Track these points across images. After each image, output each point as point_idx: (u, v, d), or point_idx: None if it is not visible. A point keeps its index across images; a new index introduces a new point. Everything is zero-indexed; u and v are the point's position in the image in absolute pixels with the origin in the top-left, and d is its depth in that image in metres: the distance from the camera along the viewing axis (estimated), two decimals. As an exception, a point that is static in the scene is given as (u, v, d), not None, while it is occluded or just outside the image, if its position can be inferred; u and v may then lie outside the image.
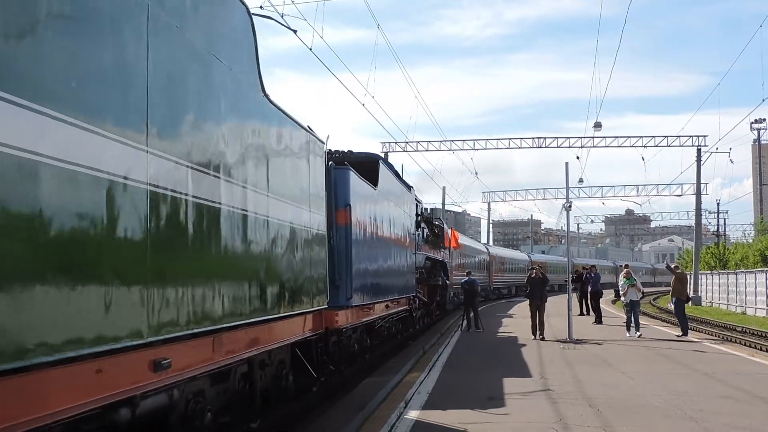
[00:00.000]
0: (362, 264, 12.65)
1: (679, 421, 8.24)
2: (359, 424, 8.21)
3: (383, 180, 15.12)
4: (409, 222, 18.87)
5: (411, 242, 18.94)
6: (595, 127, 42.20)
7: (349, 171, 11.87)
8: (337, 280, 11.13)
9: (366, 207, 13.24)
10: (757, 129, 63.29)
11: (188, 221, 5.58)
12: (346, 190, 11.75)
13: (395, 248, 16.43)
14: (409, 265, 18.50)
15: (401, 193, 18.04)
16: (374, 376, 12.56)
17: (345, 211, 11.66)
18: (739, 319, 30.12)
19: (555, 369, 12.67)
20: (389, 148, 45.73)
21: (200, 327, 5.69)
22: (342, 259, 11.49)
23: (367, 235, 13.21)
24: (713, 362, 13.62)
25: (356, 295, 12.01)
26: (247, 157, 6.95)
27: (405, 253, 17.82)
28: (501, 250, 58.53)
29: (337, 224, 11.39)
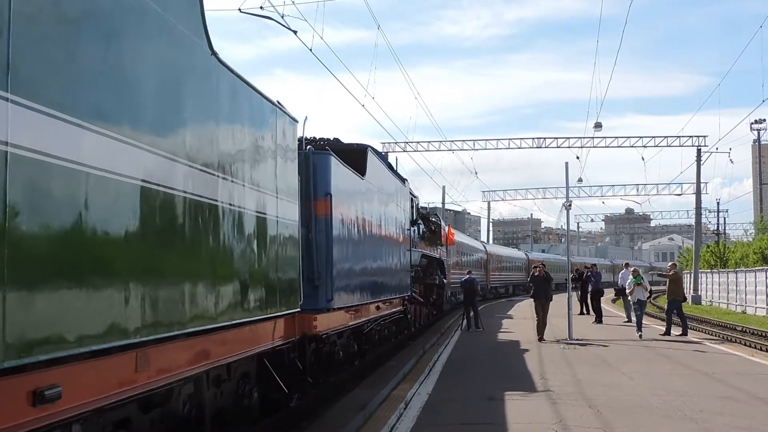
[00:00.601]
0: (347, 261, 11.55)
1: (679, 421, 8.24)
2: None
3: (372, 170, 13.87)
4: (404, 217, 17.75)
5: (405, 239, 17.88)
6: (596, 127, 42.19)
7: (329, 156, 10.69)
8: (315, 280, 10.08)
9: (352, 198, 12.16)
10: (757, 129, 63.35)
11: (87, 201, 4.20)
12: (326, 178, 10.54)
13: (387, 245, 15.34)
14: (404, 263, 17.41)
15: (394, 185, 16.82)
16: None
17: (325, 201, 10.43)
18: (739, 318, 30.10)
19: (555, 369, 12.67)
20: (389, 149, 45.73)
21: (111, 341, 4.44)
22: (322, 256, 10.32)
23: (352, 229, 12.05)
24: (713, 362, 13.62)
25: (339, 296, 10.88)
26: (183, 123, 5.60)
27: (398, 251, 16.76)
28: (498, 249, 58.07)
29: (316, 216, 10.26)
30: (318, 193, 10.40)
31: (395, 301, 16.71)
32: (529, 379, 11.66)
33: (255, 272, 7.24)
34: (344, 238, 11.45)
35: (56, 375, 3.88)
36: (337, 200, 10.89)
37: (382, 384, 11.10)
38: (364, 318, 13.27)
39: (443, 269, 26.62)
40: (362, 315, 13.07)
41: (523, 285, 55.35)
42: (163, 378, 5.29)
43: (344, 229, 11.49)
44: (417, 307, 21.15)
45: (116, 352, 4.56)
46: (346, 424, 8.13)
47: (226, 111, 6.61)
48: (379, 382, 11.48)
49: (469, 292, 22.06)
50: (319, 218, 10.37)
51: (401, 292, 17.16)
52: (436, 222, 26.47)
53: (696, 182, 45.74)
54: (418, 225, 20.98)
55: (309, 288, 9.69)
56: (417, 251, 20.35)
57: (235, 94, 6.87)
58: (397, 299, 17.01)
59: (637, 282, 18.70)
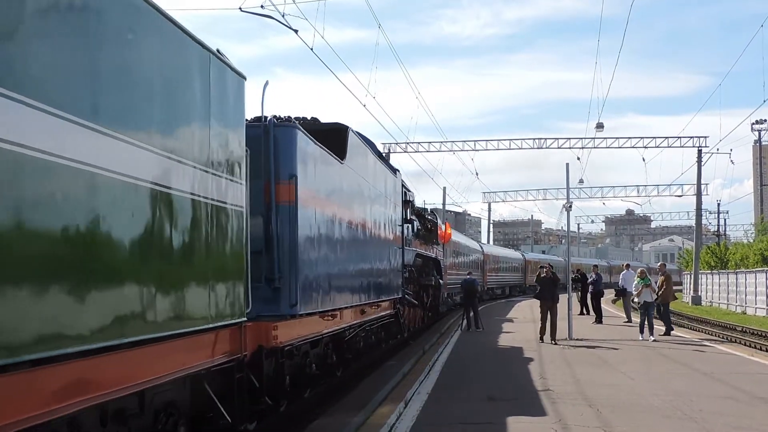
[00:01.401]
0: (319, 259, 9.81)
1: (679, 421, 8.24)
2: None
3: (354, 153, 12.15)
4: (394, 212, 16.19)
5: (397, 236, 16.40)
6: (598, 127, 42.20)
7: (294, 130, 8.96)
8: (276, 281, 8.47)
9: (327, 184, 10.42)
10: (758, 130, 63.10)
11: None
12: (290, 157, 8.81)
13: (374, 241, 13.75)
14: (395, 263, 15.96)
15: (383, 175, 15.05)
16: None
17: (289, 184, 8.71)
18: (739, 318, 30.11)
19: (555, 369, 12.67)
20: (390, 149, 45.76)
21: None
22: (284, 252, 8.62)
23: (328, 220, 10.30)
24: (713, 362, 13.61)
25: (308, 299, 9.27)
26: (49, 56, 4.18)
27: (388, 248, 15.23)
28: (495, 249, 57.29)
29: (277, 203, 8.60)
30: (280, 174, 8.70)
31: (385, 303, 15.17)
32: (529, 378, 11.66)
33: (179, 270, 5.73)
34: (316, 230, 9.70)
35: None
36: (306, 185, 9.24)
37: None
38: (345, 323, 11.55)
39: (440, 269, 25.42)
40: (343, 320, 11.33)
41: (519, 286, 55.17)
42: (19, 417, 3.81)
43: (316, 221, 9.69)
44: (411, 309, 19.63)
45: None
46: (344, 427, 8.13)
47: (110, 35, 4.84)
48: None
49: (469, 292, 22.08)
50: (282, 206, 8.67)
51: (392, 293, 15.69)
52: (432, 220, 25.20)
53: (696, 183, 45.75)
54: (413, 222, 19.51)
55: (268, 291, 8.31)
56: (411, 250, 18.99)
57: (134, 24, 5.16)
58: (388, 302, 15.53)
59: (645, 283, 18.00)
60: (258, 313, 7.88)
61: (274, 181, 8.64)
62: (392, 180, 16.23)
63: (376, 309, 14.26)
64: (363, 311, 12.90)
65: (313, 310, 9.63)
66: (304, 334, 9.41)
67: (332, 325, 10.75)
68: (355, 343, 13.01)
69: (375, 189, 14.03)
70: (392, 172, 16.46)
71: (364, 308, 12.91)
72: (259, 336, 7.93)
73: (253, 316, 7.66)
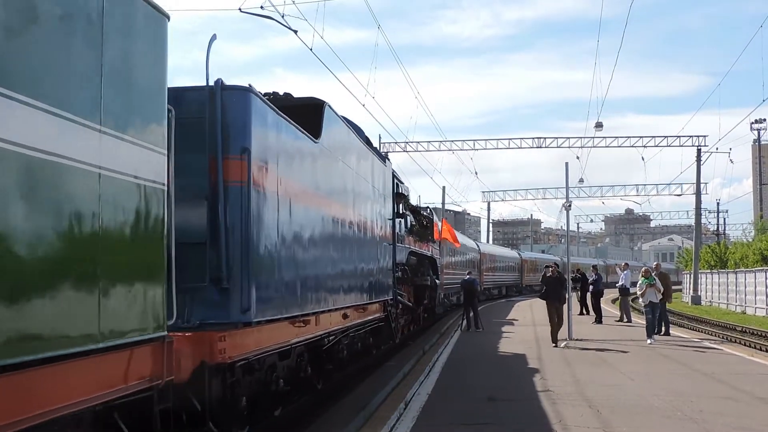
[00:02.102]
0: (282, 253, 8.22)
1: (679, 422, 8.24)
2: None
3: (332, 133, 10.65)
4: (384, 204, 14.79)
5: (387, 231, 15.00)
6: (597, 127, 42.25)
7: (248, 95, 7.44)
8: (224, 281, 7.00)
9: (294, 164, 8.84)
10: (757, 129, 63.15)
11: None
12: (242, 126, 7.32)
13: (359, 236, 12.28)
14: (385, 261, 14.54)
15: (369, 161, 13.51)
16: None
17: (240, 160, 7.20)
18: (739, 318, 30.11)
19: (555, 369, 12.66)
20: (389, 148, 45.76)
21: None
22: (235, 243, 7.12)
23: (295, 208, 8.69)
24: (713, 362, 13.61)
25: (267, 302, 7.74)
26: None
27: (377, 244, 13.79)
28: (492, 248, 56.29)
29: (226, 183, 7.09)
30: (229, 148, 7.17)
31: (373, 306, 13.62)
32: (529, 379, 11.65)
33: (15, 273, 3.90)
34: (280, 220, 8.13)
35: None
36: (265, 163, 7.73)
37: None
38: (323, 330, 10.04)
39: (436, 269, 24.18)
40: (320, 326, 9.83)
41: (516, 286, 54.80)
42: None
43: (280, 208, 8.15)
44: (404, 312, 18.21)
45: None
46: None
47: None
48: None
49: (469, 292, 22.06)
50: (232, 187, 7.16)
51: (381, 295, 14.22)
52: (427, 216, 23.78)
53: (696, 182, 45.78)
54: (406, 217, 18.22)
55: (213, 293, 6.95)
56: (403, 247, 17.68)
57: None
58: (376, 304, 14.00)
59: (649, 283, 17.33)
60: (202, 320, 6.78)
61: (221, 156, 7.09)
62: (381, 169, 14.72)
63: (362, 312, 12.63)
64: (346, 315, 11.30)
65: (278, 316, 8.04)
66: (265, 344, 7.79)
67: (305, 333, 9.12)
68: (338, 352, 11.55)
69: (360, 176, 12.49)
70: (381, 161, 15.05)
71: (347, 312, 11.34)
72: (201, 350, 6.55)
73: (194, 325, 6.65)
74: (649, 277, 17.43)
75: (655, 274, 19.15)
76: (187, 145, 6.66)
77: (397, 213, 16.33)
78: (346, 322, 11.43)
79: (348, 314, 11.46)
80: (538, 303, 24.54)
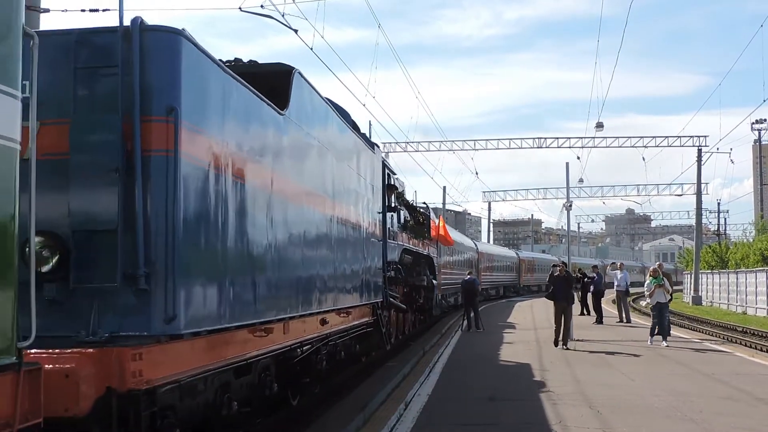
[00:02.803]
0: (230, 244, 6.53)
1: (680, 422, 8.23)
2: None
3: (303, 105, 8.98)
4: (372, 195, 13.23)
5: (376, 225, 13.55)
6: (597, 127, 42.26)
7: (177, 39, 5.77)
8: (141, 279, 5.40)
9: (249, 136, 7.14)
10: (758, 129, 63.11)
11: None
12: (169, 79, 5.68)
13: (341, 229, 10.66)
14: (373, 258, 13.05)
15: (353, 145, 11.88)
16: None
17: (166, 123, 5.57)
18: (740, 318, 30.09)
19: (555, 369, 12.66)
20: (390, 148, 45.77)
21: None
22: (156, 230, 5.52)
23: (251, 189, 7.01)
24: (714, 363, 13.60)
25: (205, 307, 6.08)
26: None
27: (363, 240, 12.21)
28: (489, 247, 55.16)
29: (145, 152, 5.50)
30: (151, 107, 5.55)
31: (359, 309, 12.12)
32: (529, 379, 11.65)
33: None
34: (226, 202, 6.48)
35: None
36: (205, 129, 6.12)
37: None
38: (293, 339, 8.48)
39: (433, 268, 22.93)
40: (290, 335, 8.29)
41: (513, 286, 54.41)
42: None
43: (227, 187, 6.50)
44: (398, 315, 16.89)
45: None
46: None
47: None
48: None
49: (469, 292, 22.04)
50: (154, 157, 5.53)
51: (370, 296, 12.71)
52: (424, 213, 22.41)
53: (697, 182, 45.75)
54: (399, 211, 16.98)
55: (127, 295, 5.42)
56: (396, 244, 16.32)
57: None
58: (364, 307, 12.47)
59: (657, 283, 16.56)
60: (112, 332, 5.28)
61: (139, 116, 5.47)
62: (369, 157, 13.22)
63: (346, 317, 11.13)
64: (325, 321, 9.80)
65: (225, 325, 6.42)
66: (207, 361, 6.19)
67: (269, 343, 7.62)
68: (316, 363, 9.98)
69: (341, 161, 10.91)
70: (370, 147, 13.49)
71: (326, 317, 9.84)
72: (106, 372, 5.04)
73: (102, 339, 5.20)
74: (658, 277, 16.70)
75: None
76: (95, 103, 5.57)
77: (388, 206, 14.96)
78: (326, 328, 9.95)
79: (328, 319, 9.96)
80: (539, 303, 24.55)
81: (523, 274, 56.92)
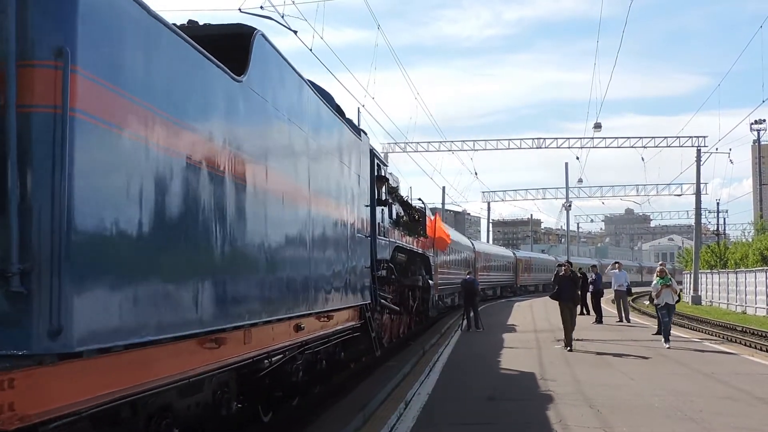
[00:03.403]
0: (158, 233, 5.23)
1: (680, 421, 8.24)
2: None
3: (267, 72, 7.65)
4: (358, 185, 11.77)
5: (363, 219, 12.19)
6: (596, 127, 42.34)
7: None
8: (16, 278, 4.07)
9: (192, 101, 5.85)
10: (757, 130, 63.11)
11: None
12: (57, 10, 4.32)
13: (319, 220, 9.19)
14: (359, 256, 11.70)
15: (333, 126, 10.40)
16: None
17: (52, 71, 4.23)
18: (740, 318, 30.11)
19: (555, 369, 12.66)
20: (389, 149, 45.84)
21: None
22: (40, 213, 4.18)
23: (191, 164, 5.71)
24: (713, 362, 13.61)
25: (115, 315, 4.68)
26: None
27: (347, 235, 10.87)
28: (486, 247, 54.08)
29: (23, 107, 4.19)
30: (33, 47, 4.24)
31: (343, 313, 10.83)
32: (529, 379, 11.65)
33: None
34: (154, 179, 5.18)
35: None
36: (117, 82, 4.74)
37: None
38: (258, 349, 7.24)
39: (429, 268, 21.92)
40: (253, 344, 7.00)
41: (510, 286, 54.12)
42: None
43: (154, 162, 5.17)
44: (390, 317, 15.91)
45: None
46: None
47: None
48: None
49: (469, 292, 22.04)
50: (36, 115, 4.22)
51: (356, 298, 11.44)
52: (420, 210, 21.27)
53: (696, 182, 45.78)
54: (390, 206, 15.79)
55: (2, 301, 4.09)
56: (387, 242, 15.04)
57: None
58: (349, 310, 11.25)
59: (665, 283, 16.12)
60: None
61: (14, 60, 4.14)
62: (354, 143, 11.70)
63: (327, 321, 9.81)
64: (300, 327, 8.43)
65: (150, 338, 5.05)
66: (124, 384, 4.82)
67: (222, 356, 6.30)
68: (291, 374, 8.95)
69: (319, 144, 9.41)
70: (356, 133, 12.04)
71: (301, 323, 8.45)
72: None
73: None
74: (665, 277, 16.32)
75: (656, 275, 19.11)
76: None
77: (378, 200, 13.79)
78: (301, 335, 8.57)
79: (303, 325, 8.54)
80: (538, 303, 24.51)
81: (521, 274, 56.69)
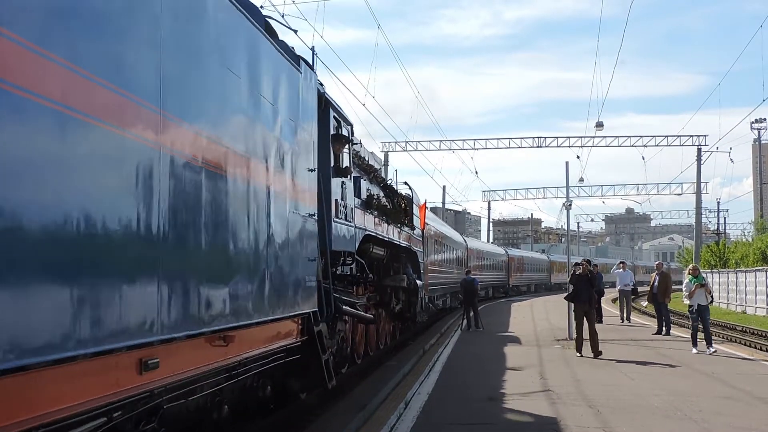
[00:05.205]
0: None
1: (679, 421, 8.24)
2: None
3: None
4: (292, 134, 7.90)
5: (307, 191, 8.42)
6: (597, 126, 42.33)
7: None
8: None
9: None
10: (758, 129, 63.20)
11: None
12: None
13: (193, 169, 5.37)
14: (298, 243, 7.99)
15: (254, 49, 6.83)
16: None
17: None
18: (740, 318, 30.10)
19: (555, 369, 12.67)
20: (390, 148, 45.82)
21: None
22: None
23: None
24: (713, 362, 13.62)
25: None
26: None
27: (264, 206, 6.93)
28: (479, 244, 51.83)
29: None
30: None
31: (265, 328, 7.20)
32: (529, 378, 11.65)
33: None
34: None
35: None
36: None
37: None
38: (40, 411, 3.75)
39: (418, 266, 18.54)
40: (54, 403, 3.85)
41: (503, 287, 53.37)
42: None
43: None
44: (361, 328, 13.38)
45: None
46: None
47: None
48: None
49: (469, 292, 22.02)
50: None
51: (290, 305, 7.75)
52: (406, 197, 17.85)
53: (696, 182, 45.80)
54: (357, 180, 12.07)
55: None
56: (354, 228, 11.25)
57: None
58: (276, 324, 7.49)
59: (698, 282, 15.01)
60: None
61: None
62: (283, 66, 7.81)
63: (224, 347, 6.15)
64: (148, 365, 4.83)
65: None
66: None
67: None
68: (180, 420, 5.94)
69: (223, 69, 6.11)
70: (293, 63, 8.24)
71: (149, 354, 4.84)
72: None
73: None
74: (699, 276, 15.16)
75: (656, 273, 19.18)
76: None
77: (336, 167, 10.04)
78: (157, 376, 5.02)
79: (156, 359, 4.93)
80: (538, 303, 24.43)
81: (513, 274, 55.49)
